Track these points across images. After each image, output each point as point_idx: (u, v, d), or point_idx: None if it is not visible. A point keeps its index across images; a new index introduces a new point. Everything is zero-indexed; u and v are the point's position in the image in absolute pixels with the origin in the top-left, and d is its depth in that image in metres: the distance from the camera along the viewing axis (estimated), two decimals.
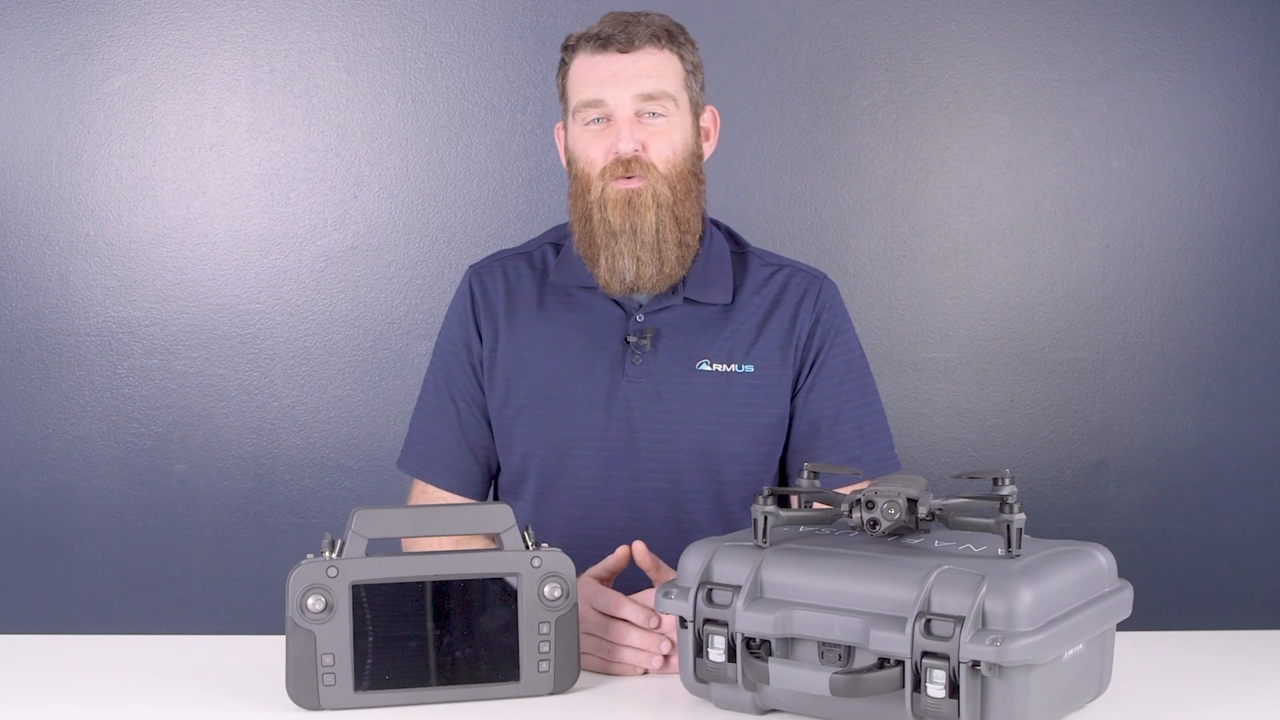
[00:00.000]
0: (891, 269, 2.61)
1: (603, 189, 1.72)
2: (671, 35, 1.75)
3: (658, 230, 1.72)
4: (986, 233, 2.62)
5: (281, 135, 2.58)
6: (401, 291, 2.60)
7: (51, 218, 2.58)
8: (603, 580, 1.53)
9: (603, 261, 1.74)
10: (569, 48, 1.77)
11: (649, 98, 1.71)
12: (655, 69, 1.72)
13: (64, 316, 2.59)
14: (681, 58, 1.76)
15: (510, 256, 1.87)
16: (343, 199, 2.59)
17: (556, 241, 1.87)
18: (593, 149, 1.73)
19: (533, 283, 1.83)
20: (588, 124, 1.73)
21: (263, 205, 2.59)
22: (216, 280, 2.59)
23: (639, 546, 1.53)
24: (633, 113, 1.71)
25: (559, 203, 2.55)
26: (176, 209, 2.58)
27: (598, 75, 1.72)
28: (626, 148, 1.70)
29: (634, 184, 1.71)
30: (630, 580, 1.57)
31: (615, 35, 1.71)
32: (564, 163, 1.82)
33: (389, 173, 2.59)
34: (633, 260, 1.72)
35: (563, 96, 1.79)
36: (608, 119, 1.72)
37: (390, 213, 2.60)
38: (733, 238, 1.88)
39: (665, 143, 1.73)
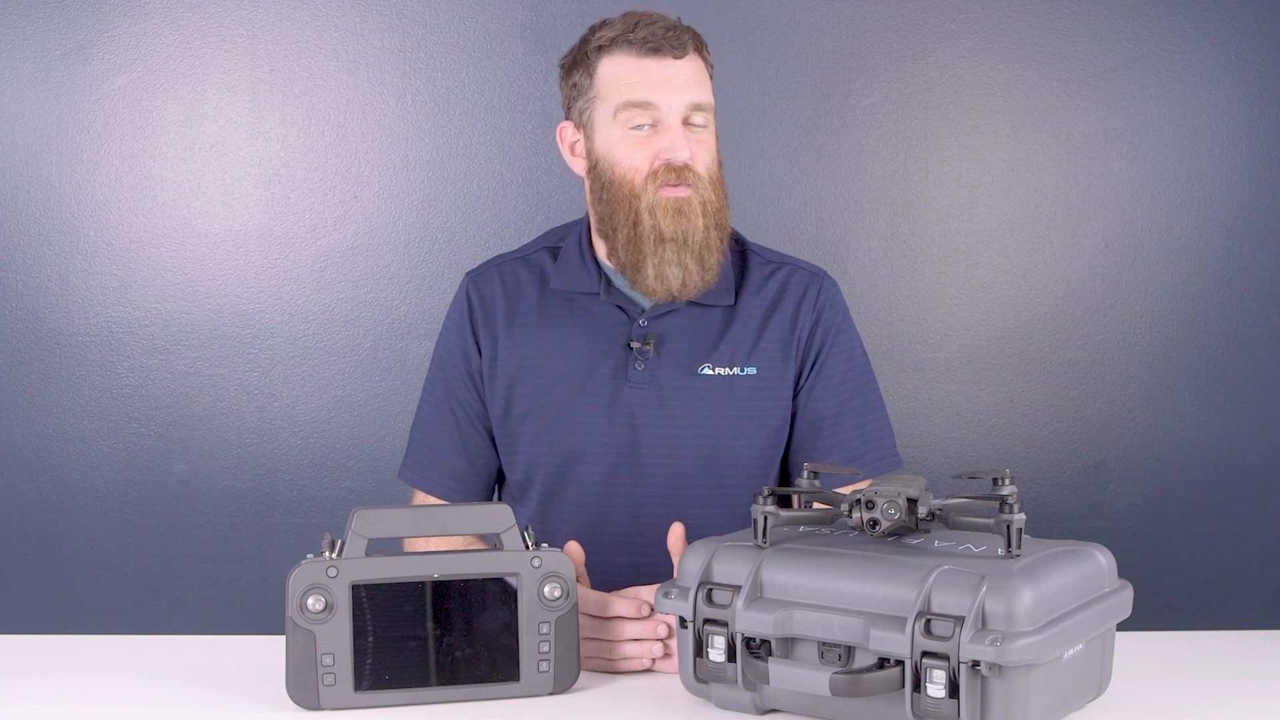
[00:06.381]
0: (891, 269, 2.61)
1: (654, 195, 1.69)
2: (703, 43, 1.75)
3: (705, 238, 1.71)
4: (986, 233, 2.62)
5: (281, 135, 2.58)
6: (401, 291, 2.60)
7: (51, 218, 2.58)
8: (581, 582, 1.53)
9: (650, 269, 1.71)
10: (600, 47, 1.72)
11: (697, 107, 1.70)
12: (701, 78, 1.72)
13: (64, 316, 2.59)
14: (710, 66, 1.76)
15: (507, 262, 1.85)
16: (343, 199, 2.59)
17: (553, 245, 1.84)
18: (637, 154, 1.69)
19: (531, 288, 1.81)
20: (632, 128, 1.69)
21: (263, 205, 2.59)
22: (216, 280, 2.59)
23: (677, 529, 1.52)
24: (681, 120, 1.70)
25: (559, 203, 2.56)
26: (176, 209, 2.58)
27: (650, 79, 1.69)
28: (683, 155, 1.68)
29: (683, 191, 1.69)
30: (621, 580, 1.58)
31: (667, 41, 1.69)
32: (579, 165, 1.78)
33: (389, 173, 2.59)
34: (680, 268, 1.70)
35: (587, 95, 1.73)
36: (654, 124, 1.69)
37: (390, 213, 2.60)
38: (733, 236, 1.87)
39: (708, 152, 1.72)
